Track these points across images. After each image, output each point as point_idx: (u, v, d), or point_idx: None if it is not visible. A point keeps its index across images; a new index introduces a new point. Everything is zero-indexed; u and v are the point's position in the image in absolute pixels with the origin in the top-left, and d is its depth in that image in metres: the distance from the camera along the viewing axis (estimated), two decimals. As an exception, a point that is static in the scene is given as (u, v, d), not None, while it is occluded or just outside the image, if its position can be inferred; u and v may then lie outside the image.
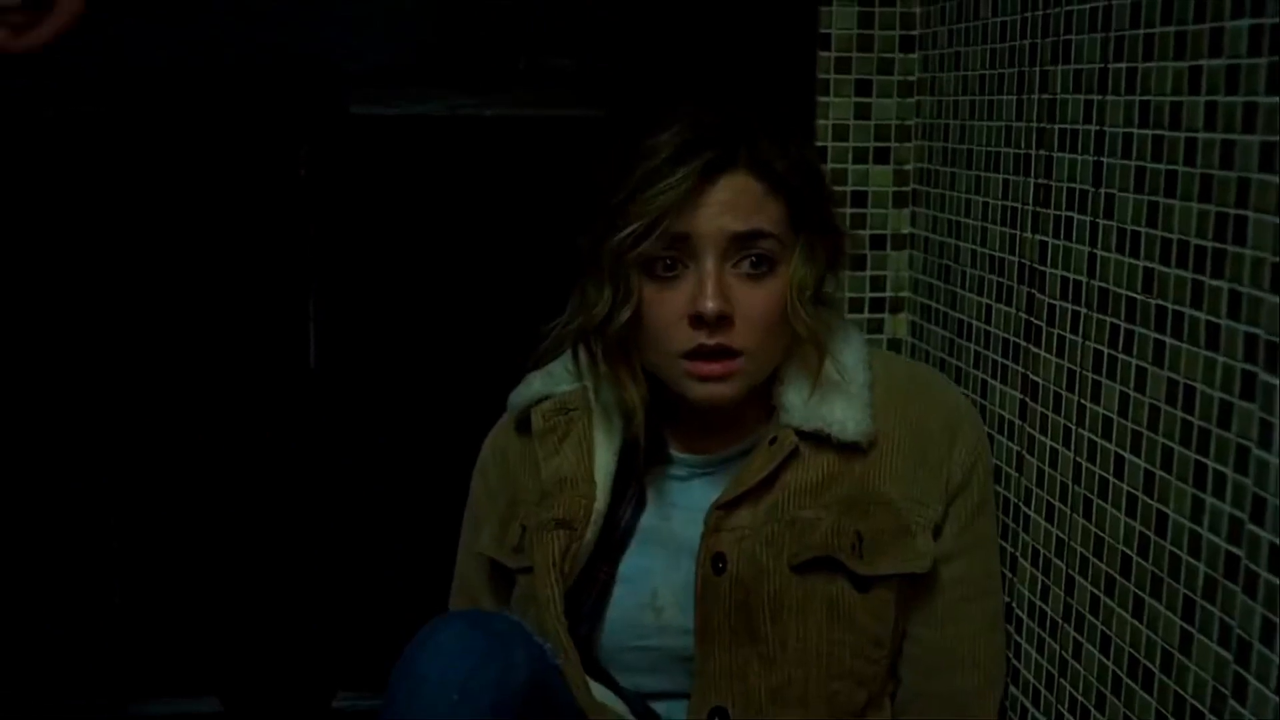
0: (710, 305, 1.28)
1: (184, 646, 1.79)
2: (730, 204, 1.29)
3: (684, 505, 1.39)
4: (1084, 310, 1.29)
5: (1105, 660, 1.27)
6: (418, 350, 1.78)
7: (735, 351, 1.30)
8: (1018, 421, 1.44)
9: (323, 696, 1.81)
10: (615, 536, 1.39)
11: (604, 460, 1.39)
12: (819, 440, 1.35)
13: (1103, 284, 1.26)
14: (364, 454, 1.78)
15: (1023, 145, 1.42)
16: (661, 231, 1.28)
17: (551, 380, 1.44)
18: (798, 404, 1.35)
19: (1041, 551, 1.39)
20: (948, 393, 1.44)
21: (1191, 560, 1.12)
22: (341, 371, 1.77)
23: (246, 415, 1.76)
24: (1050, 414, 1.37)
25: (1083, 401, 1.30)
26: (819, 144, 1.73)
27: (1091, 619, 1.29)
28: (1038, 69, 1.38)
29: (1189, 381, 1.12)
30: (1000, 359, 1.48)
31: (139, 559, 1.76)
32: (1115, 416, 1.24)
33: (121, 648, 1.76)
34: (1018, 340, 1.44)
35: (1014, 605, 1.45)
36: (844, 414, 1.34)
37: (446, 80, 1.72)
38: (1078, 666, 1.32)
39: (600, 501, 1.37)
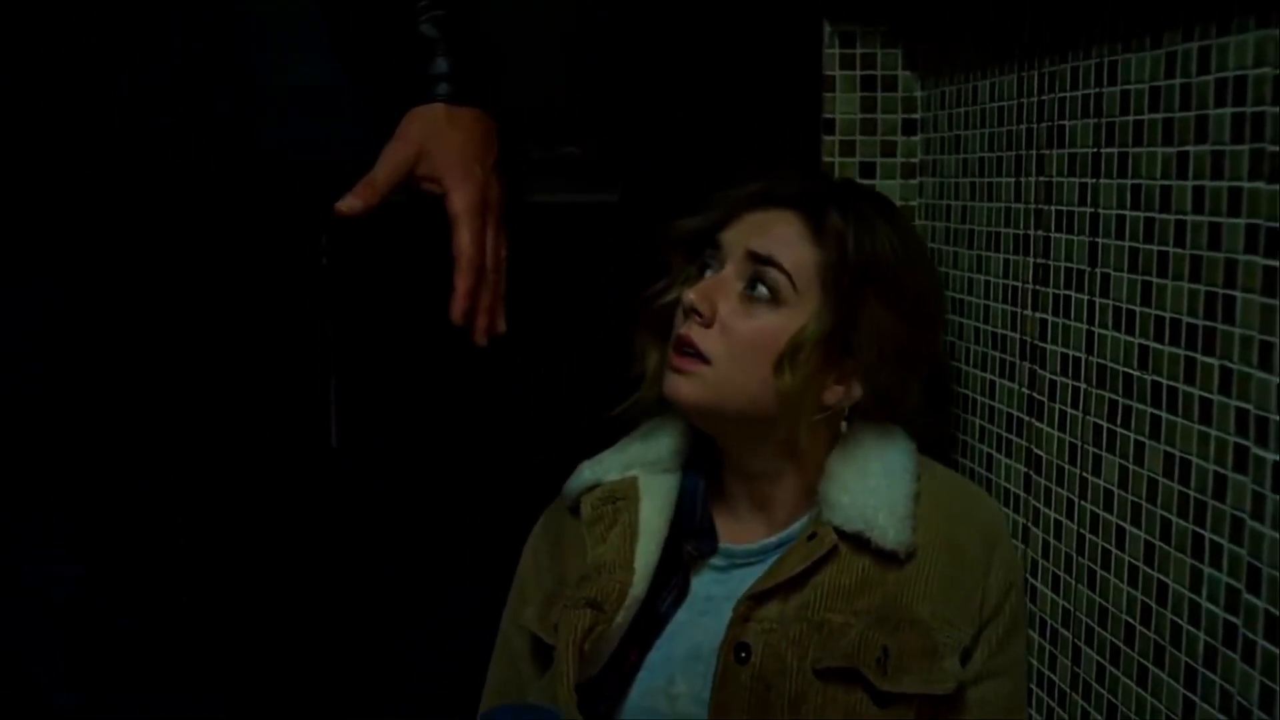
0: (690, 295, 1.36)
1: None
2: (763, 227, 1.38)
3: (719, 597, 1.40)
4: (1084, 386, 1.33)
5: (1112, 729, 1.29)
6: (437, 428, 1.81)
7: (703, 356, 1.35)
8: (1022, 494, 1.47)
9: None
10: (651, 623, 1.41)
11: (647, 549, 1.41)
12: (858, 543, 1.35)
13: (1101, 360, 1.30)
14: (384, 524, 1.81)
15: (1022, 226, 1.46)
16: (706, 230, 1.41)
17: (601, 469, 1.48)
18: (842, 501, 1.35)
19: (1049, 622, 1.41)
20: (988, 512, 1.45)
21: (1192, 629, 1.15)
22: (362, 450, 1.80)
23: (269, 494, 1.79)
24: (1053, 487, 1.40)
25: (1084, 474, 1.33)
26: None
27: (1098, 688, 1.32)
28: (1034, 152, 1.43)
29: (1185, 455, 1.16)
30: (1004, 433, 1.51)
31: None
32: (1115, 489, 1.27)
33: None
34: (1021, 415, 1.47)
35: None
36: (886, 520, 1.34)
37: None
38: (1086, 735, 1.35)
39: (637, 588, 1.39)
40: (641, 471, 1.46)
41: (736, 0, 1.80)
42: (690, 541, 1.43)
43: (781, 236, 1.37)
